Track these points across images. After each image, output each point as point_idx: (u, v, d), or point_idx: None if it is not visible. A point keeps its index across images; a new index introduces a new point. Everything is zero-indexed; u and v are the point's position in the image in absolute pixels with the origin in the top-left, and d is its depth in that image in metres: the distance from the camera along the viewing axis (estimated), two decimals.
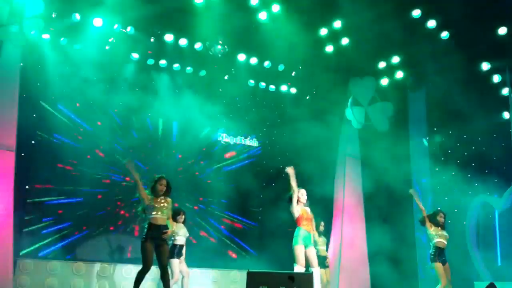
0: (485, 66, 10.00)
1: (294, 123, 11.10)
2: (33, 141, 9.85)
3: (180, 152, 11.30)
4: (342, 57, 10.24)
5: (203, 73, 10.89)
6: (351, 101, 11.08)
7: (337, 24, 9.73)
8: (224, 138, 11.89)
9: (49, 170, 9.85)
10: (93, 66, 9.75)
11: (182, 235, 8.61)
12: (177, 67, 10.72)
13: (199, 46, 10.13)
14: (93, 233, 10.16)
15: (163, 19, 9.51)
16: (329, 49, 10.28)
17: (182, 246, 8.63)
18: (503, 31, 9.14)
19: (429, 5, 8.92)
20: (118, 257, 10.16)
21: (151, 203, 6.95)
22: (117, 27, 9.51)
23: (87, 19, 9.25)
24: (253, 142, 12.22)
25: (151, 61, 10.44)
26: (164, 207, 7.00)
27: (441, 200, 10.89)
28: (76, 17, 9.14)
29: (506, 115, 10.07)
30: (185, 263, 8.77)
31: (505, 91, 10.00)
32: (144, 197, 6.97)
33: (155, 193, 7.01)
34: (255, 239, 11.77)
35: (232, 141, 11.98)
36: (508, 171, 10.10)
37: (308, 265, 7.47)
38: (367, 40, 9.75)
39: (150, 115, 11.10)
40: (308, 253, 7.52)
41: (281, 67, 10.86)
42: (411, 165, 11.56)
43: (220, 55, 10.30)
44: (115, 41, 9.69)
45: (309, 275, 5.92)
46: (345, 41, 10.04)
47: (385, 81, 11.10)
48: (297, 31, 9.37)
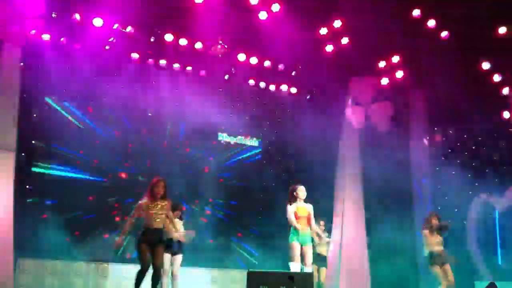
0: (485, 66, 9.99)
1: (294, 123, 11.09)
2: (33, 141, 9.85)
3: (180, 152, 11.28)
4: (342, 57, 10.23)
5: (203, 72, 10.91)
6: (351, 101, 11.07)
7: (337, 24, 9.72)
8: (224, 138, 11.87)
9: (49, 170, 9.84)
10: (93, 66, 9.73)
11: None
12: (177, 66, 10.73)
13: (199, 45, 10.12)
14: (93, 233, 10.15)
15: (163, 19, 9.50)
16: (329, 48, 10.28)
17: (179, 241, 8.50)
18: (502, 31, 9.13)
19: (429, 5, 8.91)
20: (118, 257, 10.15)
21: (147, 210, 6.76)
22: (116, 27, 9.49)
23: (87, 19, 9.25)
24: (253, 142, 12.21)
25: (151, 61, 10.44)
26: (160, 212, 6.81)
27: (441, 200, 10.89)
28: (76, 17, 9.13)
29: (506, 115, 10.07)
30: (178, 264, 8.43)
31: (505, 91, 10.01)
32: (136, 217, 6.83)
33: (153, 196, 6.79)
34: (254, 239, 11.75)
35: (232, 141, 11.96)
36: (508, 171, 10.10)
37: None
38: (367, 39, 9.74)
39: (150, 115, 11.10)
40: (303, 251, 7.48)
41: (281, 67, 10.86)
42: (411, 165, 11.56)
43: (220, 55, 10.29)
44: (115, 40, 9.68)
45: (309, 275, 5.92)
46: (345, 41, 10.03)
47: (385, 81, 11.08)
48: (297, 31, 9.35)
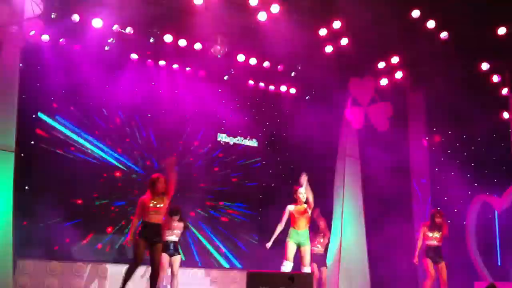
0: (485, 66, 9.99)
1: (293, 123, 11.09)
2: (33, 141, 9.85)
3: (180, 151, 11.28)
4: (341, 57, 10.23)
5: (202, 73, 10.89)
6: (351, 101, 11.07)
7: (337, 24, 9.71)
8: (223, 138, 11.87)
9: (49, 170, 9.84)
10: (92, 66, 9.72)
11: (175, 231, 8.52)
12: (176, 67, 10.71)
13: (198, 46, 10.12)
14: (94, 233, 10.16)
15: (163, 19, 9.49)
16: (329, 49, 10.27)
17: (174, 242, 8.52)
18: (502, 31, 9.13)
19: (429, 5, 8.90)
20: (118, 257, 10.14)
21: (148, 206, 6.88)
22: (116, 28, 9.48)
23: (86, 19, 9.23)
24: (252, 142, 12.21)
25: (150, 61, 10.43)
26: (160, 207, 6.94)
27: (441, 200, 10.90)
28: (75, 17, 9.12)
29: (506, 115, 10.07)
30: (177, 264, 8.56)
31: (505, 91, 10.01)
32: (141, 214, 6.97)
33: (155, 193, 6.95)
34: (254, 239, 11.75)
35: (231, 141, 11.96)
36: (508, 171, 10.10)
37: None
38: (367, 40, 9.74)
39: (149, 115, 11.10)
40: (301, 251, 7.48)
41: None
42: (410, 165, 11.56)
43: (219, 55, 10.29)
44: (114, 41, 9.67)
45: (309, 275, 5.93)
46: (344, 41, 10.03)
47: (384, 81, 11.08)
48: (296, 31, 9.35)
